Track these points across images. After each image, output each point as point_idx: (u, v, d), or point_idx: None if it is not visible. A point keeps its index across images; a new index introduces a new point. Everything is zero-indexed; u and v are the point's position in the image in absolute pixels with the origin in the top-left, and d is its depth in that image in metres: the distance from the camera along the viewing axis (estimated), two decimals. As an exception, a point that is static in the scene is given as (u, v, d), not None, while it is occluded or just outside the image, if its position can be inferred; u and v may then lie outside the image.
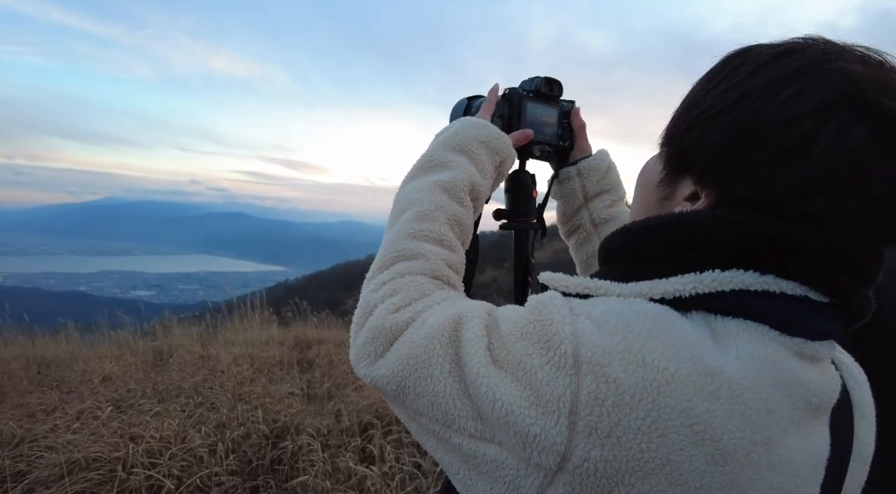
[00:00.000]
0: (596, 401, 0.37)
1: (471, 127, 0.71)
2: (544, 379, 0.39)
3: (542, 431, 0.38)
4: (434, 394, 0.44)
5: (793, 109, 0.39)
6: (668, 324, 0.40)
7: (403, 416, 0.49)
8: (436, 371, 0.45)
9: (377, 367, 0.49)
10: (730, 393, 0.37)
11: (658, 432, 0.36)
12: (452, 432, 0.44)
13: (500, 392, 0.40)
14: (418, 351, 0.46)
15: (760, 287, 0.40)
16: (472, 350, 0.43)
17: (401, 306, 0.53)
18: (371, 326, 0.51)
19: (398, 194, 0.67)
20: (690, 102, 0.47)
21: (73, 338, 5.59)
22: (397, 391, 0.47)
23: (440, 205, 0.63)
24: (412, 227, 0.61)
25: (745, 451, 0.37)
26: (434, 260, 0.59)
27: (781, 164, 0.39)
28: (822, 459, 0.42)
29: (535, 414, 0.38)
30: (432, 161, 0.68)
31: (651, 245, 0.45)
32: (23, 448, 2.53)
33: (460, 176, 0.66)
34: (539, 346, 0.41)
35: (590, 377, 0.38)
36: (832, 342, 0.43)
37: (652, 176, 0.52)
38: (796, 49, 0.42)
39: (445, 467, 0.47)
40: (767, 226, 0.40)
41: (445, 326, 0.46)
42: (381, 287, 0.56)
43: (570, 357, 0.39)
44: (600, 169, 0.82)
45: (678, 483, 0.36)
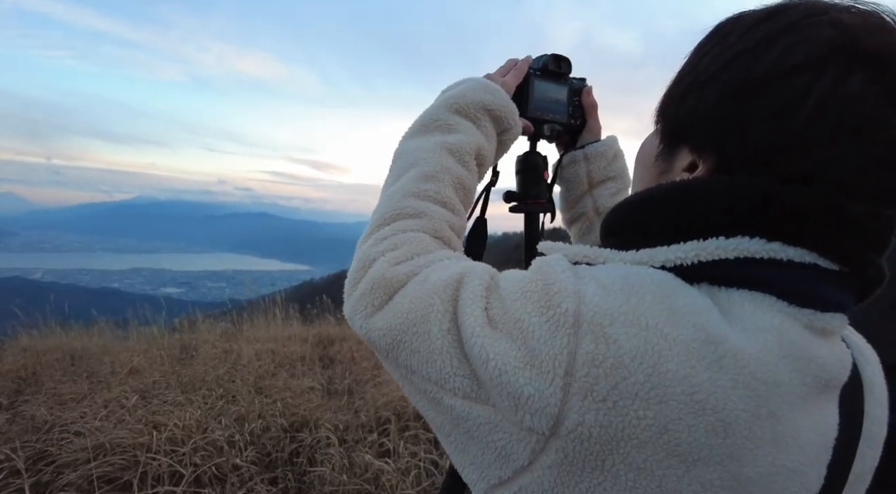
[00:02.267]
0: (593, 362, 0.36)
1: (479, 90, 0.67)
2: (541, 337, 0.38)
3: (536, 391, 0.37)
4: (430, 352, 0.43)
5: (785, 64, 0.38)
6: (672, 290, 0.39)
7: (396, 374, 0.48)
8: (433, 327, 0.43)
9: (374, 320, 0.48)
10: (734, 363, 0.35)
11: (657, 398, 0.35)
12: (445, 392, 0.42)
13: (494, 351, 0.39)
14: (418, 305, 0.45)
15: (766, 254, 0.38)
16: (468, 309, 0.42)
17: (402, 260, 0.51)
18: (370, 277, 0.50)
19: (399, 150, 0.65)
20: (682, 72, 0.46)
21: (104, 332, 5.75)
22: (392, 345, 0.46)
23: (446, 166, 0.61)
24: (416, 187, 0.59)
25: (747, 424, 0.35)
26: (437, 220, 0.57)
27: (777, 121, 0.38)
28: (830, 439, 0.40)
29: (529, 374, 0.37)
30: (436, 121, 0.65)
31: (651, 215, 0.44)
32: (53, 433, 2.62)
33: (467, 139, 0.64)
34: (539, 305, 0.39)
35: (589, 336, 0.36)
36: (843, 315, 0.41)
37: (650, 152, 0.51)
38: (784, 8, 0.41)
39: (437, 429, 0.46)
40: (769, 188, 0.38)
41: (447, 284, 0.45)
42: (381, 241, 0.54)
43: (570, 315, 0.37)
44: (607, 155, 0.80)
45: (675, 453, 0.35)
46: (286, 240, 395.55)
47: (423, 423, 3.04)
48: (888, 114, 0.36)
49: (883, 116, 0.36)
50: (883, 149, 0.37)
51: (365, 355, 4.64)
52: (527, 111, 0.74)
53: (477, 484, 0.43)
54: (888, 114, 0.36)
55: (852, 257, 0.39)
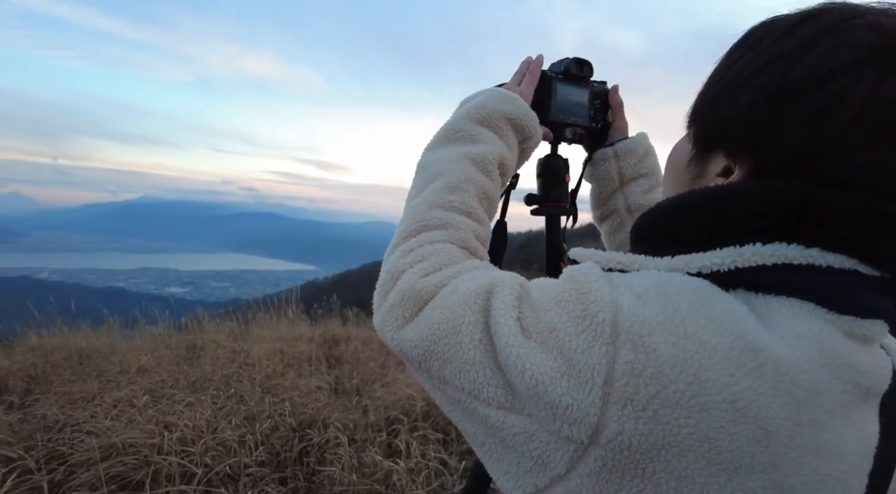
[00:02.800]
0: (633, 372, 0.36)
1: (498, 100, 0.68)
2: (578, 347, 0.38)
3: (574, 402, 0.37)
4: (462, 362, 0.43)
5: (822, 68, 0.38)
6: (709, 298, 0.38)
7: (428, 384, 0.48)
8: (465, 338, 0.43)
9: (405, 331, 0.48)
10: (774, 371, 0.35)
11: (697, 407, 0.35)
12: (479, 402, 0.42)
13: (530, 362, 0.39)
14: (449, 316, 0.45)
15: (805, 260, 0.38)
16: (501, 319, 0.42)
17: (430, 271, 0.52)
18: (400, 289, 0.50)
19: (422, 162, 0.66)
20: (715, 77, 0.46)
21: (112, 331, 5.78)
22: (424, 356, 0.46)
23: (469, 176, 0.62)
24: (441, 198, 0.59)
25: (789, 432, 0.35)
26: (463, 231, 0.58)
27: (814, 125, 0.38)
28: (871, 447, 0.40)
29: (566, 385, 0.37)
30: (459, 132, 0.66)
31: (685, 221, 0.44)
32: (65, 433, 2.63)
33: (490, 149, 0.64)
34: (575, 315, 0.39)
35: (627, 346, 0.36)
36: (883, 322, 0.40)
37: (681, 157, 0.51)
38: (820, 12, 0.41)
39: (471, 439, 0.46)
40: (806, 193, 0.38)
41: (477, 294, 0.45)
42: (408, 253, 0.54)
43: (607, 325, 0.37)
44: (638, 152, 0.80)
45: (716, 461, 0.35)
46: (291, 239, 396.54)
47: (431, 423, 3.04)
48: None
49: None
50: None
51: (371, 355, 4.64)
52: (549, 115, 0.74)
53: (513, 492, 0.43)
54: None
55: (893, 262, 0.39)
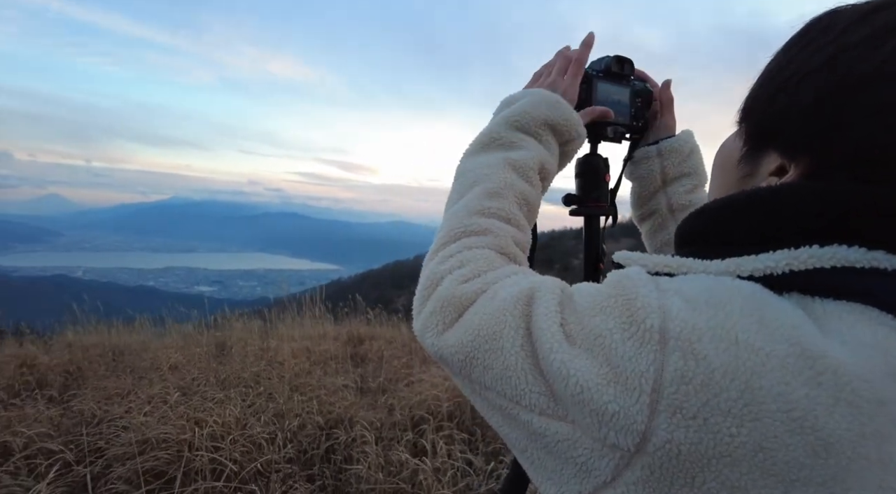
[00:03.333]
0: (682, 379, 0.35)
1: (540, 105, 0.66)
2: (626, 354, 0.37)
3: (621, 409, 0.36)
4: (504, 368, 0.42)
5: (893, 64, 0.35)
6: (762, 303, 0.37)
7: (468, 390, 0.48)
8: (507, 344, 0.43)
9: (446, 337, 0.48)
10: (834, 380, 0.33)
11: (750, 416, 0.33)
12: (521, 408, 0.42)
13: (574, 368, 0.38)
14: (489, 322, 0.45)
15: (868, 263, 0.36)
16: (544, 325, 0.41)
17: (470, 277, 0.51)
18: (439, 295, 0.50)
19: (461, 168, 0.65)
20: (772, 71, 0.44)
21: (144, 329, 5.94)
22: (465, 362, 0.46)
23: (510, 182, 0.61)
24: (481, 204, 0.59)
25: (852, 444, 0.33)
26: (503, 237, 0.57)
27: (881, 118, 0.36)
28: None
29: (613, 392, 0.36)
30: (499, 139, 0.65)
31: (735, 222, 0.42)
32: (102, 427, 2.72)
33: (530, 154, 0.64)
34: (621, 321, 0.38)
35: (677, 353, 0.35)
36: None
37: (731, 154, 0.49)
38: (888, 4, 0.38)
39: (512, 444, 0.45)
40: (868, 192, 0.36)
41: (518, 299, 0.45)
42: (447, 259, 0.54)
43: (656, 332, 0.36)
44: (683, 151, 0.78)
45: (772, 473, 0.33)
46: (316, 239, 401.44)
47: (457, 423, 3.04)
48: None
49: None
50: None
51: (395, 353, 4.67)
52: None
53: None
54: None
55: None
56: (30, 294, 73.38)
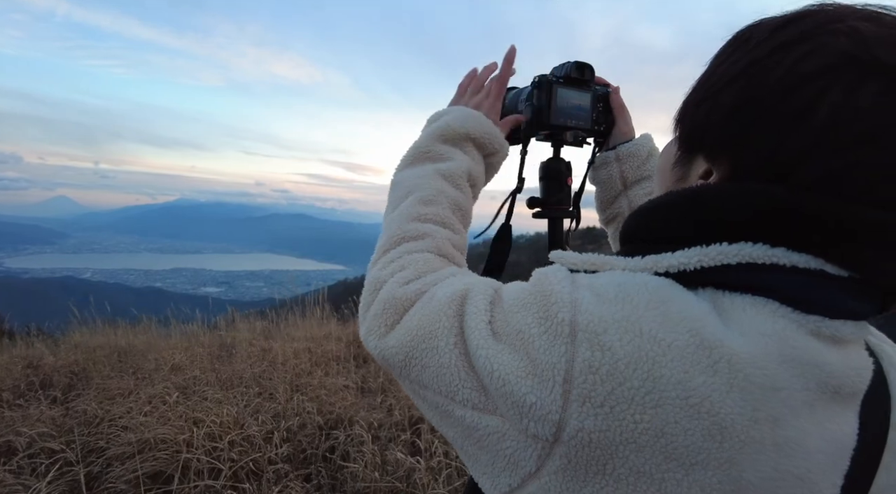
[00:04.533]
0: (590, 369, 0.37)
1: (463, 119, 0.71)
2: (541, 347, 0.39)
3: (538, 400, 0.38)
4: (439, 366, 0.45)
5: (798, 72, 0.38)
6: (669, 296, 0.39)
7: (409, 391, 0.50)
8: (441, 343, 0.45)
9: (387, 339, 0.50)
10: (729, 367, 0.35)
11: (652, 403, 0.35)
12: (455, 404, 0.44)
13: (498, 363, 0.40)
14: (426, 322, 0.47)
15: (769, 260, 0.38)
16: (472, 323, 0.44)
17: (411, 279, 0.53)
18: (382, 299, 0.52)
19: (395, 181, 0.69)
20: (700, 81, 0.46)
21: (149, 330, 5.98)
22: (404, 362, 0.48)
23: (441, 189, 0.64)
24: (416, 211, 0.62)
25: (745, 428, 0.35)
26: (440, 240, 0.60)
27: (788, 129, 0.38)
28: (847, 448, 0.39)
29: (531, 384, 0.39)
30: (427, 152, 0.69)
31: (661, 222, 0.45)
32: (103, 427, 2.76)
33: (457, 164, 0.68)
34: (538, 316, 0.41)
35: (585, 345, 0.38)
36: (862, 323, 0.40)
37: (668, 159, 0.52)
38: (805, 15, 0.41)
39: (452, 442, 0.47)
40: (774, 194, 0.38)
41: (453, 300, 0.47)
42: (388, 264, 0.57)
43: (566, 325, 0.39)
44: (640, 154, 0.80)
45: (673, 456, 0.35)
46: (321, 240, 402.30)
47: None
48: None
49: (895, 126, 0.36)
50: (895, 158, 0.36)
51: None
52: (549, 118, 0.75)
53: (490, 492, 0.44)
54: None
55: (863, 264, 0.38)
56: (39, 295, 74.02)
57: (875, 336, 0.48)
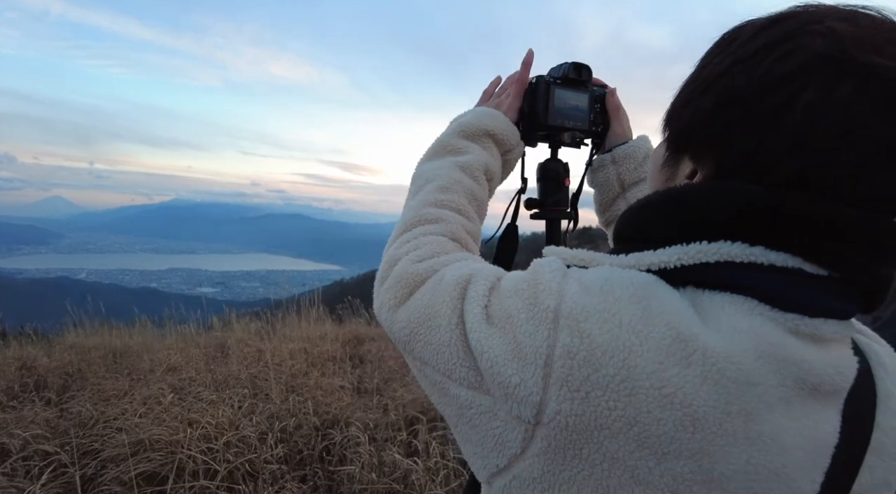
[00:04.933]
0: (569, 354, 0.38)
1: (482, 117, 0.75)
2: (527, 331, 0.41)
3: (521, 381, 0.40)
4: (439, 344, 0.47)
5: (776, 73, 0.38)
6: (651, 292, 0.40)
7: (413, 367, 0.52)
8: (443, 322, 0.47)
9: (398, 313, 0.52)
10: (703, 360, 0.36)
11: (626, 391, 0.37)
12: (452, 382, 0.46)
13: (488, 345, 0.42)
14: (433, 301, 0.49)
15: (746, 258, 0.39)
16: (469, 307, 0.46)
17: (423, 258, 0.56)
18: (396, 274, 0.55)
19: (416, 173, 0.72)
20: (687, 81, 0.47)
21: (144, 330, 5.96)
22: (409, 337, 0.50)
23: (458, 180, 0.68)
24: (434, 197, 0.65)
25: (717, 420, 0.36)
26: (454, 224, 0.62)
27: (766, 128, 0.39)
28: (827, 445, 0.39)
29: (515, 366, 0.40)
30: (448, 146, 0.73)
31: (647, 221, 0.46)
32: (97, 429, 2.74)
33: (475, 158, 0.71)
34: (527, 302, 0.42)
35: (566, 331, 0.39)
36: (846, 322, 0.40)
37: (657, 160, 0.53)
38: (787, 16, 0.41)
39: (448, 420, 0.49)
40: (753, 193, 0.39)
41: (458, 283, 0.49)
42: (404, 244, 0.60)
43: (551, 311, 0.40)
44: (637, 157, 0.79)
45: (646, 445, 0.36)
46: (317, 240, 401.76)
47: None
48: (876, 123, 0.36)
49: (870, 124, 0.36)
50: (871, 156, 0.37)
51: (393, 354, 4.67)
52: (547, 119, 0.75)
53: (480, 472, 0.46)
54: (876, 122, 0.36)
55: (842, 263, 0.39)
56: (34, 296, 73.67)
57: (865, 335, 0.48)
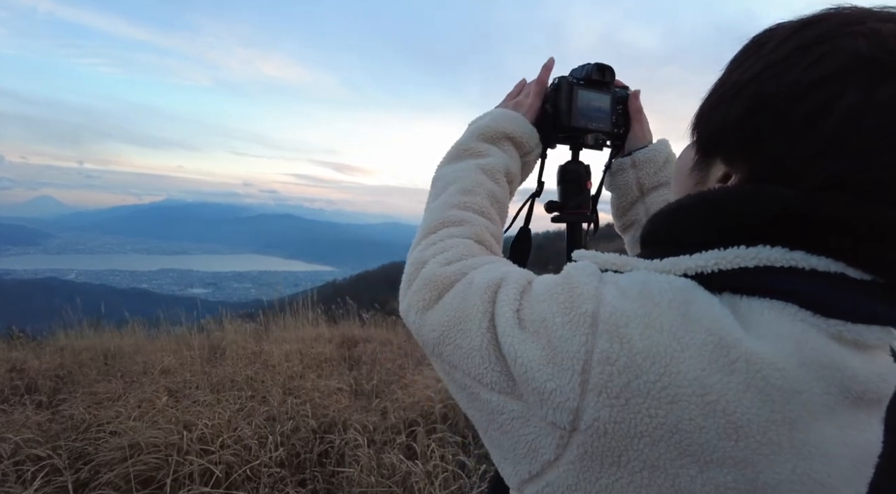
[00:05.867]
0: (608, 360, 0.37)
1: (501, 119, 0.74)
2: (563, 336, 0.40)
3: (557, 387, 0.39)
4: (470, 348, 0.46)
5: (813, 74, 0.38)
6: (691, 298, 0.39)
7: (440, 370, 0.51)
8: (474, 326, 0.46)
9: (427, 316, 0.52)
10: (746, 367, 0.35)
11: (668, 398, 0.36)
12: (482, 387, 0.45)
13: (521, 350, 0.41)
14: (463, 305, 0.48)
15: (787, 263, 0.38)
16: (501, 311, 0.45)
17: (452, 260, 0.55)
18: (424, 276, 0.54)
19: (437, 175, 0.72)
20: (716, 85, 0.47)
21: (136, 332, 5.90)
22: (438, 340, 0.49)
23: (480, 182, 0.67)
24: (457, 199, 0.64)
25: (761, 428, 0.35)
26: (479, 227, 0.62)
27: (805, 130, 0.38)
28: (871, 455, 0.38)
29: (551, 371, 0.39)
30: (468, 149, 0.72)
31: (679, 225, 0.45)
32: (90, 432, 2.70)
33: (496, 161, 0.70)
34: (563, 306, 0.41)
35: (605, 336, 0.38)
36: (888, 329, 0.39)
37: (685, 163, 0.52)
38: (820, 19, 0.41)
39: (476, 425, 0.48)
40: (792, 197, 0.38)
41: (489, 287, 0.48)
42: (430, 246, 0.59)
43: (588, 316, 0.39)
44: (657, 161, 0.78)
45: (688, 453, 0.35)
46: (310, 240, 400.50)
47: (449, 425, 3.04)
48: None
49: None
50: None
51: (389, 356, 4.66)
52: (570, 121, 0.73)
53: (511, 479, 0.45)
54: None
55: (887, 267, 0.38)
56: (22, 297, 72.86)
57: None
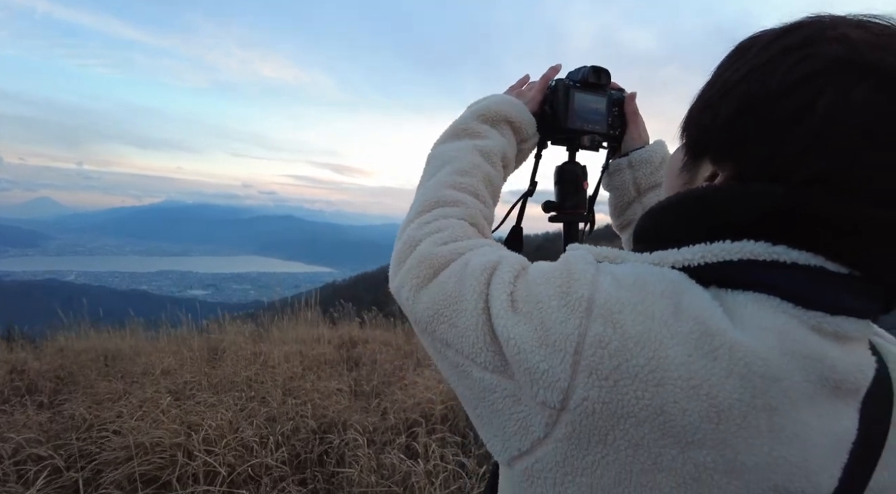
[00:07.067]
0: (600, 343, 0.39)
1: (501, 103, 0.75)
2: (557, 319, 0.41)
3: (549, 368, 0.40)
4: (464, 327, 0.47)
5: (793, 77, 0.40)
6: (682, 289, 0.41)
7: (432, 349, 0.52)
8: (469, 306, 0.47)
9: (421, 295, 0.52)
10: (729, 354, 0.37)
11: (655, 381, 0.38)
12: (475, 365, 0.46)
13: (514, 332, 0.43)
14: (460, 284, 0.49)
15: (769, 256, 0.40)
16: (495, 292, 0.46)
17: (447, 241, 0.56)
18: (418, 254, 0.55)
19: (432, 154, 0.72)
20: (704, 89, 0.49)
21: (136, 333, 5.90)
22: (432, 318, 0.50)
23: (476, 164, 0.68)
24: (452, 179, 0.65)
25: (741, 413, 0.37)
26: (472, 209, 0.63)
27: (785, 131, 0.40)
28: (846, 442, 0.40)
29: (543, 353, 0.41)
30: (466, 129, 0.72)
31: (668, 221, 0.47)
32: (92, 432, 2.70)
33: (493, 143, 0.71)
34: (559, 290, 0.43)
35: (599, 320, 0.40)
36: (865, 322, 0.41)
37: (675, 164, 0.54)
38: (799, 26, 0.43)
39: (466, 403, 0.49)
40: (774, 193, 0.40)
41: (485, 268, 0.49)
42: (424, 225, 0.59)
43: (584, 301, 0.41)
44: (653, 161, 0.80)
45: (670, 434, 0.37)
46: (309, 242, 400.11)
47: (450, 426, 3.05)
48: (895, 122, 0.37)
49: (890, 123, 0.37)
50: (893, 154, 0.38)
51: (389, 357, 4.67)
52: (566, 122, 0.75)
53: (500, 455, 0.46)
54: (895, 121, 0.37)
55: (864, 261, 0.40)
56: (21, 298, 72.76)
57: (882, 336, 0.49)
